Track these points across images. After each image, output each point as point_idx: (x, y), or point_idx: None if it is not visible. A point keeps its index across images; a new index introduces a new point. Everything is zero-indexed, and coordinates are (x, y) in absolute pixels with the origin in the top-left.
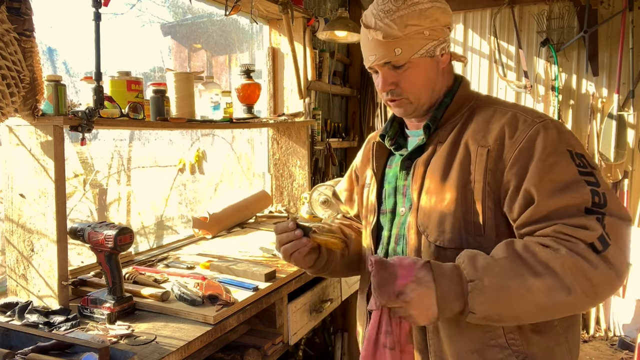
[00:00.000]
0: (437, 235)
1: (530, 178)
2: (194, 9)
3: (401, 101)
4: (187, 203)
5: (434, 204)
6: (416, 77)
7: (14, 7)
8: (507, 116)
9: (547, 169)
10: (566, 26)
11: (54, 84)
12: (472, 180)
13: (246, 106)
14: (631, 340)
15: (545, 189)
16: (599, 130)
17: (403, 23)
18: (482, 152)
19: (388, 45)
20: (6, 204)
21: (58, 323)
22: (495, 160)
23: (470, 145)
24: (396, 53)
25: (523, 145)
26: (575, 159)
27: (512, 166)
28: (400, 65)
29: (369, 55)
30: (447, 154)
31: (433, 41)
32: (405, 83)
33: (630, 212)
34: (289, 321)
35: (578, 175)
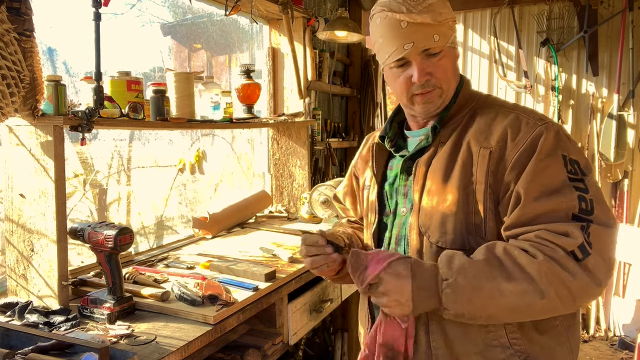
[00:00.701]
0: (438, 236)
1: (522, 180)
2: (194, 9)
3: (433, 93)
4: (187, 203)
5: (436, 205)
6: (448, 66)
7: (14, 7)
8: (510, 118)
9: (538, 172)
10: (566, 26)
11: (54, 84)
12: (474, 182)
13: (246, 106)
14: (631, 340)
15: (533, 192)
16: (599, 130)
17: (437, 10)
18: (484, 154)
19: (428, 31)
20: (6, 204)
21: (58, 323)
22: (497, 162)
23: (473, 147)
24: (435, 39)
25: (524, 147)
26: (567, 165)
27: (512, 168)
28: (436, 52)
29: (404, 43)
30: (449, 154)
31: (454, 33)
32: (440, 72)
33: (630, 212)
34: (289, 321)
35: (567, 181)
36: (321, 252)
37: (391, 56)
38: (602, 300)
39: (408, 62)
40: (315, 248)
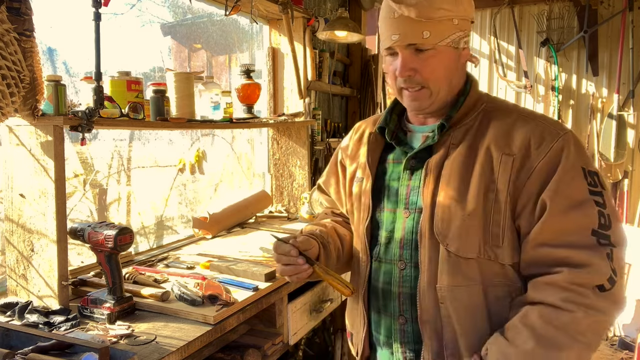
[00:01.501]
0: (458, 244)
1: (548, 190)
2: (194, 9)
3: (420, 92)
4: (187, 203)
5: (455, 211)
6: (438, 66)
7: (14, 7)
8: (531, 125)
9: (564, 184)
10: (566, 26)
11: (54, 84)
12: (495, 189)
13: (246, 106)
14: (631, 340)
15: (559, 204)
16: (599, 130)
17: (436, 5)
18: (506, 161)
19: (417, 26)
20: (6, 204)
21: (58, 323)
22: (519, 170)
23: (493, 152)
24: (424, 36)
25: (549, 157)
26: (587, 177)
27: (537, 177)
28: (424, 49)
29: (391, 34)
30: (465, 158)
31: (460, 32)
32: (426, 70)
33: (630, 212)
34: (289, 321)
35: (588, 195)
36: (292, 263)
37: (382, 43)
38: None
39: (395, 53)
40: (287, 258)
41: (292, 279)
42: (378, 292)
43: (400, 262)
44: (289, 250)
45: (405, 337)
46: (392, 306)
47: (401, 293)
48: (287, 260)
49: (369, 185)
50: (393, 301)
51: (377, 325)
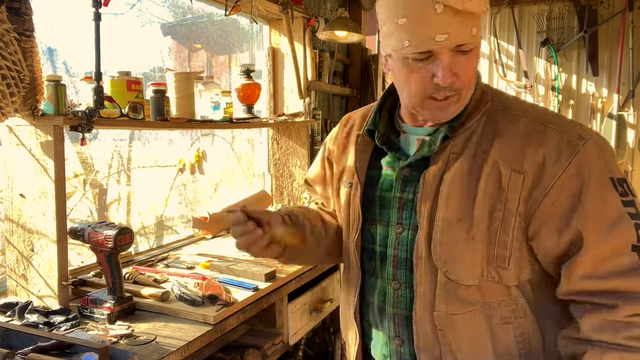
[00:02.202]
0: (459, 271)
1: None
2: (194, 9)
3: (450, 100)
4: (187, 203)
5: (456, 234)
6: (473, 69)
7: (14, 7)
8: (546, 135)
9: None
10: (566, 26)
11: (54, 84)
12: (502, 209)
13: (246, 106)
14: None
15: (595, 231)
16: (599, 130)
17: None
18: (516, 179)
19: (467, 22)
20: (6, 204)
21: (58, 323)
22: (531, 188)
23: (502, 168)
24: (473, 33)
25: (568, 173)
26: (617, 187)
27: (555, 196)
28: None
29: (436, 33)
30: (468, 172)
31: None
32: (465, 74)
33: None
34: (289, 321)
35: (622, 207)
36: (245, 231)
37: (414, 46)
38: None
39: (432, 56)
40: (239, 229)
41: (252, 251)
42: (373, 308)
43: (395, 282)
44: (237, 217)
45: (402, 359)
46: (388, 326)
47: (396, 314)
48: (239, 232)
49: (358, 195)
50: (388, 321)
51: (372, 340)
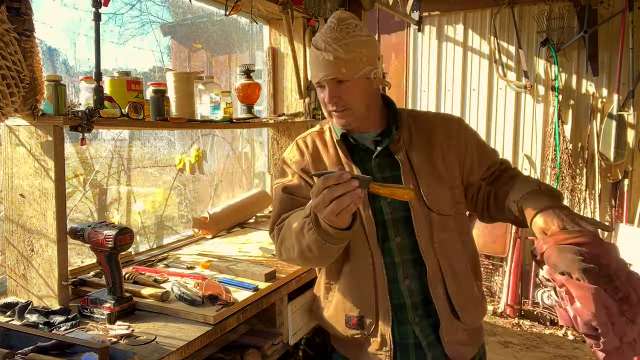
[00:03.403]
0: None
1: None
2: (194, 9)
3: (345, 112)
4: (187, 203)
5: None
6: (355, 92)
7: (14, 7)
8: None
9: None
10: (566, 26)
11: (54, 84)
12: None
13: (246, 106)
14: None
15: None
16: (599, 130)
17: (347, 48)
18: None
19: (336, 65)
20: (6, 204)
21: (58, 323)
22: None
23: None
24: (342, 71)
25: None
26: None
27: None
28: (343, 81)
29: (318, 72)
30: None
31: (369, 66)
32: (346, 96)
33: (630, 212)
34: (289, 321)
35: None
36: (348, 189)
37: (313, 79)
38: None
39: (323, 86)
40: (342, 186)
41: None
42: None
43: (397, 237)
44: (341, 175)
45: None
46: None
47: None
48: (342, 189)
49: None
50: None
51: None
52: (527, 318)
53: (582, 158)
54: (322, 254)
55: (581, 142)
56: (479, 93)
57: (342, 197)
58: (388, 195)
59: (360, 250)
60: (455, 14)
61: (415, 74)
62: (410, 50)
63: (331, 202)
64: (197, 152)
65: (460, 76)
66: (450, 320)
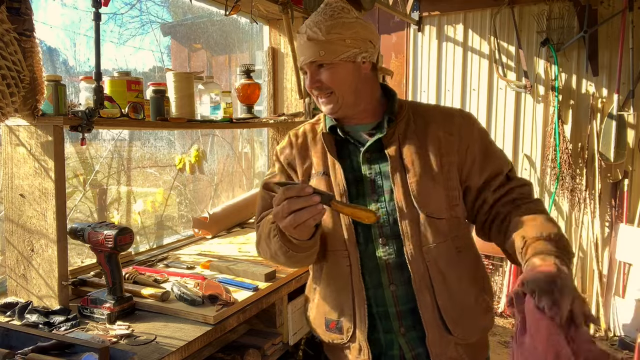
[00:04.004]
0: (434, 208)
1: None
2: (194, 9)
3: (329, 98)
4: (187, 203)
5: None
6: (337, 76)
7: (14, 7)
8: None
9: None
10: (566, 26)
11: (54, 84)
12: (448, 162)
13: (246, 106)
14: (631, 340)
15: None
16: (599, 130)
17: (327, 30)
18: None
19: (314, 48)
20: (6, 204)
21: (58, 323)
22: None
23: (441, 135)
24: (320, 54)
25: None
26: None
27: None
28: (324, 65)
29: (300, 56)
30: (418, 142)
31: (354, 49)
32: (328, 80)
33: (630, 212)
34: (289, 321)
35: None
36: (308, 204)
37: (298, 64)
38: (602, 300)
39: (306, 70)
40: (303, 199)
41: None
42: (369, 271)
43: (382, 239)
44: (302, 188)
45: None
46: (383, 278)
47: (389, 264)
48: (302, 203)
49: (340, 173)
50: (382, 273)
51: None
52: None
53: (582, 158)
54: (289, 260)
55: (581, 142)
56: (479, 93)
57: (301, 211)
58: (349, 215)
59: (337, 252)
60: (455, 14)
61: (415, 74)
62: (410, 50)
63: (290, 214)
64: (197, 152)
65: (460, 76)
66: (439, 333)
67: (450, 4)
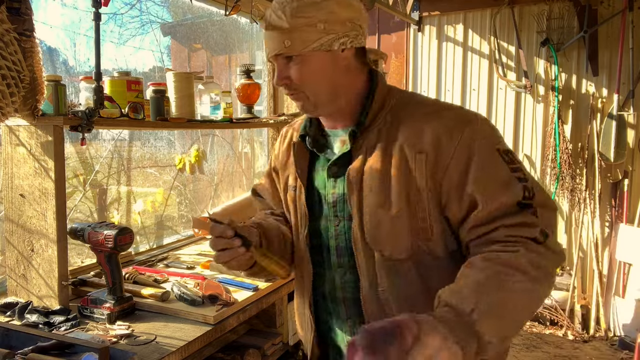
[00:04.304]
0: (391, 249)
1: (471, 182)
2: (194, 9)
3: (299, 96)
4: (187, 203)
5: (382, 216)
6: (309, 71)
7: (14, 7)
8: (439, 118)
9: (484, 172)
10: (566, 26)
11: (54, 84)
12: (415, 188)
13: (246, 106)
14: (631, 340)
15: (487, 192)
16: (599, 130)
17: (292, 14)
18: (420, 158)
19: (278, 37)
20: (6, 204)
21: (58, 323)
22: (433, 165)
23: (407, 152)
24: (285, 45)
25: (459, 147)
26: (503, 156)
27: (453, 169)
28: (292, 57)
29: (266, 47)
30: (382, 161)
31: (329, 35)
32: (298, 77)
33: (630, 212)
34: (288, 321)
35: (510, 172)
36: (229, 246)
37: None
38: (602, 300)
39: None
40: (224, 241)
41: (231, 264)
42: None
43: (340, 269)
44: (223, 231)
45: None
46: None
47: (345, 298)
48: (223, 244)
49: (303, 196)
50: (339, 306)
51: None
52: None
53: (582, 158)
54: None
55: (581, 142)
56: (479, 93)
57: (224, 251)
58: (265, 267)
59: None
60: (455, 14)
61: (415, 74)
62: (410, 50)
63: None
64: (197, 152)
65: (460, 76)
66: None
67: (450, 4)
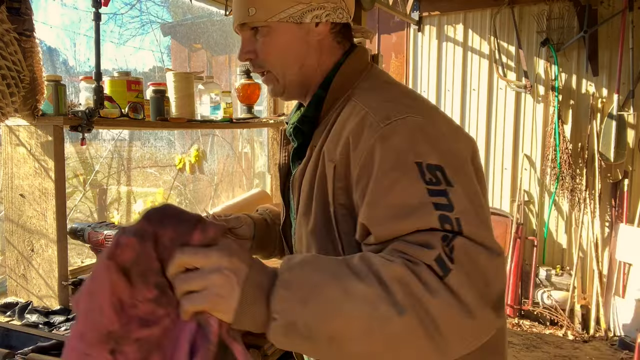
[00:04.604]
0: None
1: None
2: (194, 9)
3: (268, 76)
4: (187, 203)
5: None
6: (275, 45)
7: (14, 7)
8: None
9: (382, 192)
10: (566, 26)
11: (54, 84)
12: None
13: (246, 106)
14: (631, 340)
15: (378, 220)
16: (599, 130)
17: None
18: (330, 168)
19: (244, 5)
20: (6, 204)
21: (58, 323)
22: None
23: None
24: (250, 13)
25: (363, 160)
26: (425, 174)
27: (356, 186)
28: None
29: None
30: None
31: (300, 4)
32: (263, 51)
33: (630, 212)
34: None
35: (426, 196)
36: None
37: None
38: (602, 300)
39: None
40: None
41: None
42: None
43: None
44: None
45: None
46: None
47: None
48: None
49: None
50: None
51: None
52: (527, 318)
53: (582, 158)
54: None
55: (581, 142)
56: (479, 93)
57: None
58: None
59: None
60: (455, 14)
61: (415, 74)
62: (410, 50)
63: None
64: (197, 152)
65: (460, 76)
66: None
67: (450, 4)
